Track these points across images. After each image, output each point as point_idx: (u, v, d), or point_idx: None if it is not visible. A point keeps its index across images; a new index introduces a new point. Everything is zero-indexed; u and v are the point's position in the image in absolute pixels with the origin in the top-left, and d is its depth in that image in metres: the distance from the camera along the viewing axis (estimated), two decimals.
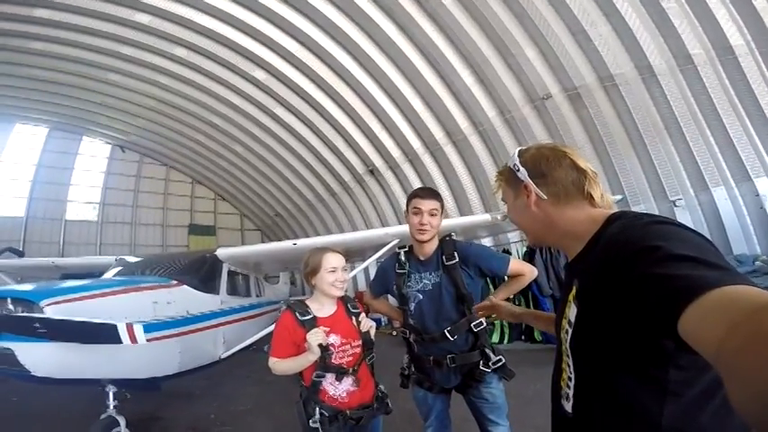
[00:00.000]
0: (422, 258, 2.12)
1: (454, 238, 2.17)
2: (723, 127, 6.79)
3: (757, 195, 6.66)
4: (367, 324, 1.98)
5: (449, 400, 2.15)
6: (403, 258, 2.16)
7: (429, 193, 2.12)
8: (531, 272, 2.22)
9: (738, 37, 6.37)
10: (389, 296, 2.36)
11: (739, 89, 6.58)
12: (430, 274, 2.07)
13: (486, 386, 2.02)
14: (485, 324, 2.05)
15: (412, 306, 2.09)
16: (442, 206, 2.10)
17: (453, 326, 2.00)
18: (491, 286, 6.69)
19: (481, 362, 2.00)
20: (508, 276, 2.21)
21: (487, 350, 2.02)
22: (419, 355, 2.09)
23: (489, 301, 1.58)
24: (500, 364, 2.02)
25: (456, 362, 2.00)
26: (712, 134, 6.93)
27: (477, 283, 2.11)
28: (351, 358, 1.89)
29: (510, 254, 8.09)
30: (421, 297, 2.07)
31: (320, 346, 1.78)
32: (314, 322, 1.85)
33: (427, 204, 2.03)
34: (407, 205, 2.11)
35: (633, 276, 0.64)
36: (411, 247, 2.19)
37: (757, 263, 6.01)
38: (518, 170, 0.98)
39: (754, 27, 6.26)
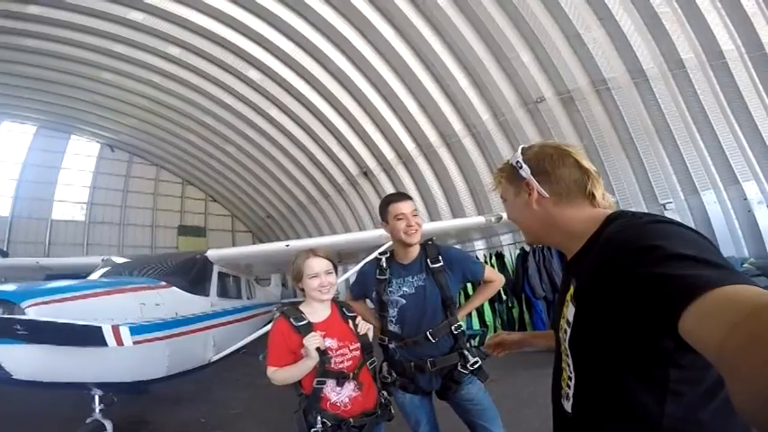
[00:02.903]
0: (405, 263, 2.14)
1: (436, 242, 2.23)
2: (713, 131, 6.90)
3: (745, 199, 6.77)
4: (364, 327, 1.93)
5: (432, 402, 2.17)
6: (384, 264, 2.16)
7: (403, 196, 2.19)
8: (500, 279, 2.37)
9: (729, 42, 6.49)
10: (368, 301, 2.36)
11: (729, 94, 6.69)
12: (413, 278, 2.09)
13: (464, 388, 2.04)
14: (463, 327, 2.12)
15: (393, 312, 2.08)
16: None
17: (435, 328, 2.03)
18: (470, 291, 6.70)
19: (459, 363, 2.04)
20: (481, 282, 2.34)
21: (466, 352, 2.06)
22: (400, 361, 2.09)
23: (498, 337, 1.57)
24: (477, 365, 2.06)
25: (436, 365, 2.02)
26: (702, 138, 7.04)
27: (457, 285, 2.18)
28: (350, 362, 1.83)
29: (504, 255, 8.11)
30: (404, 302, 2.07)
31: (318, 350, 1.73)
32: (309, 327, 1.80)
33: (407, 207, 2.09)
34: (384, 213, 2.14)
35: (632, 276, 0.64)
36: (392, 253, 2.21)
37: (745, 266, 6.09)
38: (521, 167, 0.97)
39: (744, 32, 6.38)
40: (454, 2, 8.18)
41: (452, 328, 2.06)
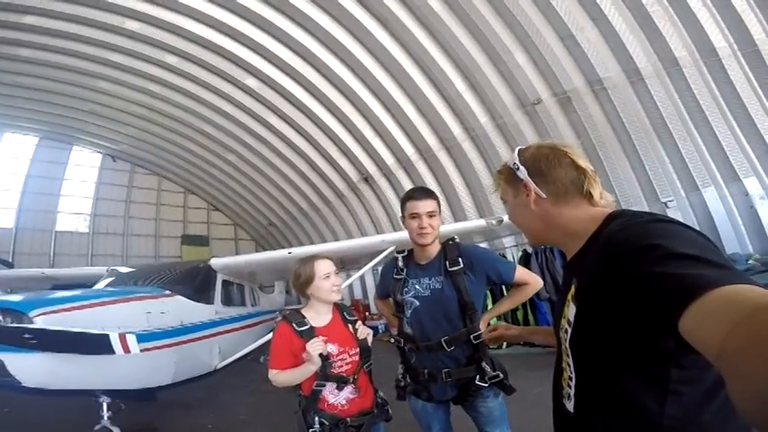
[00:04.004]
0: (422, 263, 2.01)
1: (457, 241, 2.04)
2: (710, 128, 6.92)
3: (747, 195, 6.76)
4: (364, 331, 1.94)
5: (449, 409, 2.05)
6: (401, 264, 2.06)
7: (424, 193, 2.01)
8: (536, 282, 2.09)
9: (721, 39, 6.53)
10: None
11: (724, 90, 6.72)
12: (430, 279, 1.96)
13: (482, 400, 1.91)
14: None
15: (408, 313, 1.99)
16: (439, 204, 2.01)
17: (452, 335, 1.88)
18: (490, 299, 6.68)
19: (477, 376, 1.87)
20: (512, 285, 2.09)
21: (485, 364, 1.88)
22: (414, 366, 1.99)
23: (496, 331, 1.56)
24: (497, 379, 1.88)
25: (451, 376, 1.89)
26: (700, 135, 7.05)
27: (481, 289, 1.98)
28: (349, 366, 1.86)
29: (506, 258, 8.09)
30: (418, 303, 1.96)
31: (320, 355, 1.75)
32: (312, 332, 1.82)
33: (424, 206, 1.94)
34: (402, 209, 2.01)
35: (633, 275, 0.64)
36: (410, 252, 2.09)
37: (750, 262, 6.07)
38: (517, 169, 0.98)
39: (735, 29, 6.42)
40: (449, 6, 8.26)
41: (472, 336, 1.87)
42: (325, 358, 1.77)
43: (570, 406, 0.87)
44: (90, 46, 10.49)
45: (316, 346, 1.74)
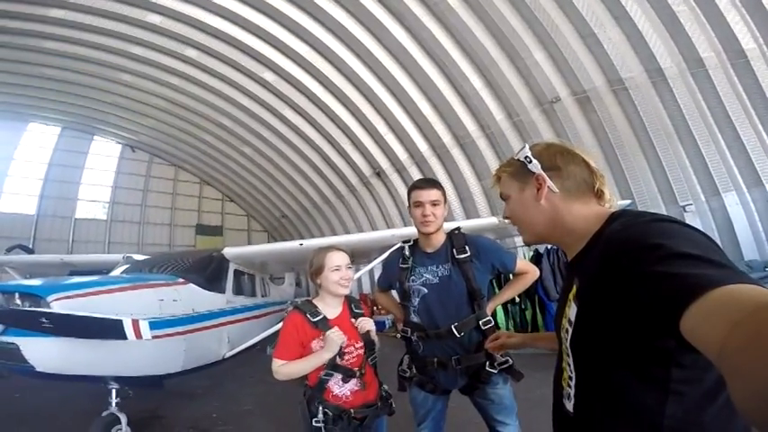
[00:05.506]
0: (429, 251, 2.03)
1: (463, 231, 2.08)
2: (735, 131, 6.72)
3: None
4: (365, 326, 1.92)
5: (448, 401, 2.08)
6: (407, 252, 2.07)
7: (428, 183, 2.05)
8: (534, 271, 2.17)
9: (750, 40, 6.31)
10: (394, 292, 2.28)
11: (752, 93, 6.51)
12: (437, 267, 1.98)
13: (492, 387, 1.93)
14: (493, 322, 1.96)
15: (416, 301, 2.00)
16: (444, 195, 2.02)
17: (461, 322, 1.90)
18: (496, 287, 6.62)
19: (487, 362, 1.91)
20: (514, 274, 2.16)
21: None
22: (422, 357, 1.98)
23: (499, 339, 1.56)
24: (507, 365, 1.93)
25: (461, 363, 1.90)
26: (723, 138, 6.85)
27: (486, 277, 2.01)
28: (355, 359, 1.86)
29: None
30: (426, 291, 1.97)
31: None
32: (326, 322, 1.83)
33: (427, 195, 1.96)
34: (408, 198, 2.05)
35: (634, 274, 0.63)
36: (416, 241, 2.12)
37: None
38: (530, 162, 0.95)
39: (766, 30, 6.19)
40: (466, 2, 8.16)
41: (480, 322, 1.91)
42: (339, 348, 1.79)
43: (570, 406, 0.86)
44: (112, 39, 10.71)
45: (337, 335, 1.75)
